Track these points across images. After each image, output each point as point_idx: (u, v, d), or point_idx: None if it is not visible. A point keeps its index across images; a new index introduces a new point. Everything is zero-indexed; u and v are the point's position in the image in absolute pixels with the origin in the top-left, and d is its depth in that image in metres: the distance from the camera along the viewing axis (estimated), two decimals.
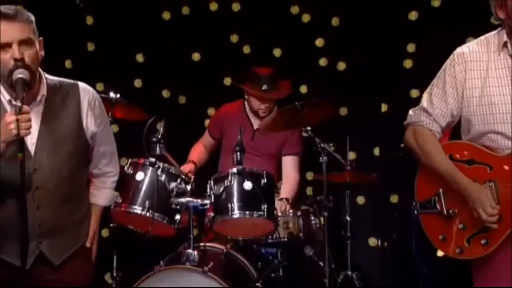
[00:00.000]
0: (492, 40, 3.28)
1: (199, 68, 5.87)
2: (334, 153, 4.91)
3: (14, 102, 2.71)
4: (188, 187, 4.38)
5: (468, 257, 3.26)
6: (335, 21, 5.80)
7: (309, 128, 4.78)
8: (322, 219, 5.02)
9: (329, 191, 5.13)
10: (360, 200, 5.51)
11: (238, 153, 4.50)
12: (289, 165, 5.23)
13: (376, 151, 5.24)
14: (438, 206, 3.31)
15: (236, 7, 5.79)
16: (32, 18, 2.92)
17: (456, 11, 5.65)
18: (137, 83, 5.61)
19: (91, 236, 3.31)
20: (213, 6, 5.79)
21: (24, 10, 2.91)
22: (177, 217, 4.40)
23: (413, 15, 5.72)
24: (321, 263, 5.00)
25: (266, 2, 5.81)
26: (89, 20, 5.77)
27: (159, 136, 4.39)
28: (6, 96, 2.97)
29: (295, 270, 5.02)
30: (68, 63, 5.86)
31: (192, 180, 4.48)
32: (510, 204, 3.10)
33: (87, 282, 3.30)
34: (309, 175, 5.75)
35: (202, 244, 4.56)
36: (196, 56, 5.87)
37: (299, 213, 4.85)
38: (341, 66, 5.83)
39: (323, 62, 5.85)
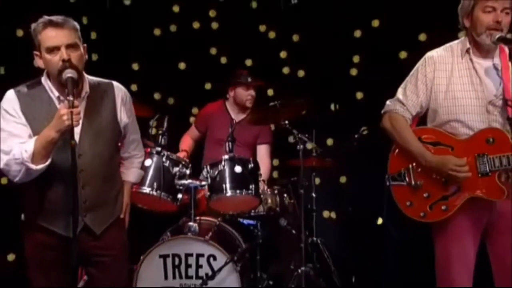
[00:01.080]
0: (456, 47, 3.36)
1: (184, 75, 5.84)
2: (310, 142, 4.93)
3: (67, 98, 2.65)
4: (188, 171, 4.41)
5: (430, 220, 3.29)
6: (295, 37, 5.81)
7: (287, 122, 4.73)
8: (297, 195, 4.99)
9: (295, 174, 5.21)
10: (317, 180, 5.44)
11: (230, 143, 4.55)
12: (263, 152, 5.24)
13: (329, 142, 5.18)
14: (407, 179, 3.32)
15: (215, 25, 5.79)
16: (77, 26, 2.90)
17: (390, 30, 5.69)
18: (133, 87, 5.49)
19: (124, 209, 3.29)
20: (196, 25, 5.77)
21: (70, 19, 2.86)
22: (179, 196, 4.46)
23: (357, 33, 5.73)
24: (294, 231, 5.03)
25: (239, 21, 5.80)
26: (93, 35, 5.61)
27: (164, 129, 4.43)
28: (55, 93, 2.90)
29: (272, 237, 5.01)
30: None
31: (189, 165, 4.49)
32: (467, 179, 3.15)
33: (122, 247, 3.26)
34: (275, 162, 5.69)
35: (197, 218, 4.48)
36: (182, 65, 5.83)
37: (276, 192, 4.83)
38: (301, 73, 5.86)
39: (286, 70, 5.87)
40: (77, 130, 2.79)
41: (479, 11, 3.14)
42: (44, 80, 2.93)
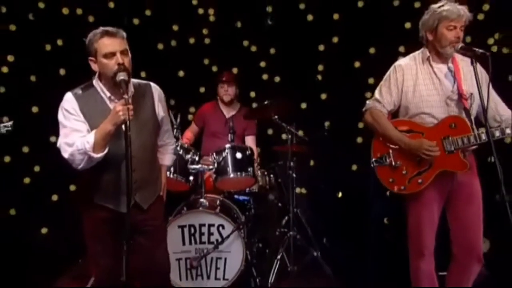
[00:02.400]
0: (418, 56, 3.40)
1: (183, 81, 5.73)
2: (297, 133, 4.85)
3: (123, 96, 2.65)
4: (197, 158, 4.41)
5: (408, 192, 3.32)
6: (272, 50, 5.74)
7: (276, 116, 4.69)
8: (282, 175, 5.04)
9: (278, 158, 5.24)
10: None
11: (231, 135, 4.62)
12: (250, 142, 5.17)
13: (300, 133, 5.08)
14: (388, 160, 3.37)
15: (207, 41, 5.67)
16: (125, 36, 2.87)
17: (346, 45, 5.68)
18: None
19: (163, 188, 3.31)
20: (192, 40, 5.64)
21: (121, 30, 2.84)
22: (191, 178, 4.48)
23: (321, 47, 5.69)
24: (279, 204, 5.11)
25: (227, 37, 5.70)
26: None
27: (177, 124, 4.41)
28: (107, 94, 2.88)
29: (262, 210, 5.00)
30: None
31: (198, 152, 4.51)
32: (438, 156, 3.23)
33: (163, 219, 3.38)
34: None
35: (204, 195, 4.42)
36: (181, 73, 5.73)
37: (266, 173, 4.84)
38: (277, 79, 5.79)
39: (265, 77, 5.79)
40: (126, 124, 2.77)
41: (444, 29, 3.20)
42: (95, 82, 2.91)
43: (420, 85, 3.33)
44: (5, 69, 5.14)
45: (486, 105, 3.04)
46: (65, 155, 2.76)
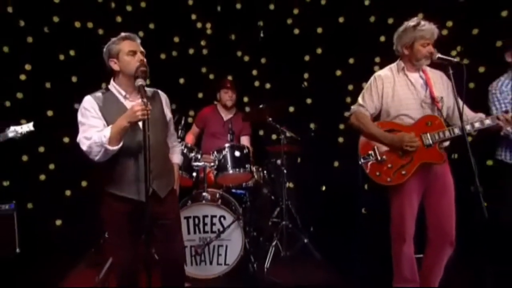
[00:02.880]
0: (394, 67, 3.46)
1: (183, 87, 5.75)
2: (289, 132, 4.88)
3: (142, 100, 2.67)
4: (199, 156, 4.40)
5: (393, 183, 3.35)
6: (263, 60, 5.80)
7: (271, 119, 4.73)
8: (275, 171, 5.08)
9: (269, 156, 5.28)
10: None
11: (231, 135, 4.60)
12: (245, 141, 5.15)
13: (288, 134, 5.08)
14: (374, 156, 3.42)
15: (205, 51, 5.71)
16: None
17: (329, 55, 5.75)
18: None
19: (176, 182, 3.30)
20: (191, 51, 5.69)
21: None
22: (194, 174, 4.50)
23: (307, 58, 5.78)
24: (272, 197, 5.15)
25: (223, 49, 5.72)
26: None
27: (182, 126, 4.43)
28: (122, 92, 2.91)
29: (256, 202, 5.02)
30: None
31: (200, 151, 4.49)
32: (416, 151, 3.27)
33: (178, 210, 3.31)
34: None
35: (206, 189, 4.39)
36: (181, 80, 5.76)
37: (260, 169, 4.85)
38: (267, 86, 5.84)
39: (256, 83, 5.85)
40: (141, 122, 2.80)
41: (419, 45, 3.30)
42: (110, 86, 2.93)
43: (398, 92, 3.38)
44: (23, 77, 5.15)
45: (462, 105, 3.12)
46: (84, 147, 2.77)
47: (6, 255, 4.64)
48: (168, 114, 3.20)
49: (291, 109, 5.70)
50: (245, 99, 5.74)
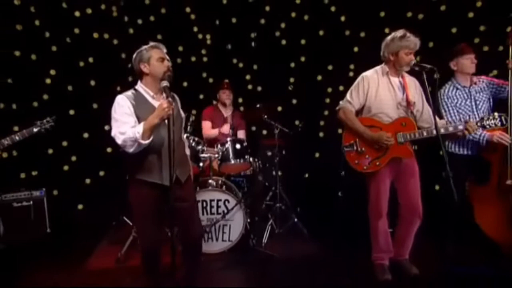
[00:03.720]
0: (379, 70, 3.47)
1: (186, 89, 5.71)
2: (283, 128, 4.88)
3: (168, 99, 2.70)
4: (205, 148, 4.44)
5: (369, 171, 3.43)
6: (255, 66, 5.84)
7: (266, 116, 4.77)
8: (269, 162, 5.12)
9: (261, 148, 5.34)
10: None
11: (231, 130, 4.66)
12: (241, 135, 5.08)
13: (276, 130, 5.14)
14: (355, 147, 3.47)
15: (205, 59, 5.71)
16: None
17: (312, 62, 5.80)
18: None
19: (191, 170, 3.26)
20: (193, 58, 5.68)
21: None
22: (201, 164, 4.52)
23: (292, 64, 5.82)
24: (266, 183, 5.17)
25: (220, 56, 5.72)
26: None
27: (191, 122, 4.41)
28: (150, 93, 2.90)
29: (252, 187, 5.05)
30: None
31: (205, 144, 4.53)
32: (390, 146, 3.34)
33: (194, 194, 3.34)
34: None
35: (207, 178, 4.45)
36: (184, 84, 5.73)
37: (256, 159, 4.71)
38: (259, 88, 5.88)
39: (250, 86, 5.88)
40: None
41: (403, 53, 3.33)
42: (138, 86, 2.92)
43: (380, 93, 3.41)
44: (48, 81, 5.12)
45: (436, 108, 3.32)
46: (119, 141, 2.76)
47: (39, 234, 4.69)
48: (182, 114, 3.21)
49: (279, 108, 5.71)
50: (240, 100, 5.75)
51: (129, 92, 2.90)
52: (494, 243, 3.61)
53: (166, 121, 2.77)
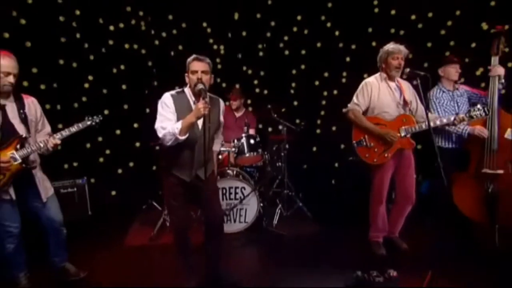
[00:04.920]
0: (378, 77, 3.50)
1: None
2: (291, 125, 4.83)
3: (204, 99, 2.63)
4: (223, 143, 4.15)
5: (378, 163, 3.42)
6: (262, 73, 5.76)
7: (275, 115, 4.72)
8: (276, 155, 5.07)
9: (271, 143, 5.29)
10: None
11: (247, 128, 4.53)
12: (252, 132, 4.86)
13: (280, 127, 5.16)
14: (364, 143, 3.46)
15: (219, 66, 5.59)
16: (210, 62, 2.86)
17: (311, 71, 5.78)
18: None
19: (214, 167, 3.30)
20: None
21: (207, 58, 2.84)
22: (220, 156, 4.51)
23: (294, 71, 5.79)
24: (274, 173, 5.12)
25: (232, 64, 5.65)
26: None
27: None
28: (192, 98, 2.86)
29: (264, 177, 5.02)
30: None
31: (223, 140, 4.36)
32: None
33: (216, 188, 3.25)
34: None
35: (226, 168, 4.44)
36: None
37: (266, 153, 4.76)
38: (265, 92, 5.82)
39: (257, 90, 5.82)
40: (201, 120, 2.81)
41: (390, 59, 3.37)
42: (186, 90, 2.90)
43: (381, 95, 3.44)
44: (86, 85, 5.07)
45: (428, 107, 3.30)
46: (160, 134, 2.75)
47: (82, 216, 4.69)
48: (221, 119, 3.14)
49: (283, 109, 5.67)
50: (249, 101, 5.72)
51: (175, 92, 2.88)
52: (468, 220, 3.65)
53: (202, 122, 2.77)
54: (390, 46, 3.40)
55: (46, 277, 3.20)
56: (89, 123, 3.09)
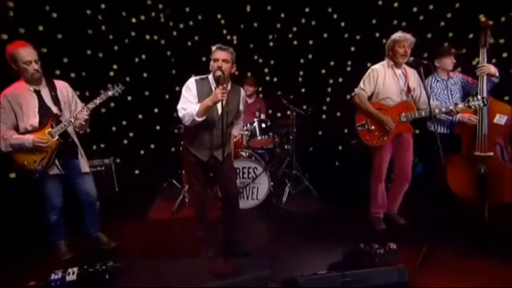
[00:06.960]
0: (385, 63, 3.46)
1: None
2: (300, 111, 4.84)
3: (223, 85, 2.66)
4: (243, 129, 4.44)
5: (378, 144, 3.44)
6: (272, 62, 5.81)
7: (285, 101, 4.72)
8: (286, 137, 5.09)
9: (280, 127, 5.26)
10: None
11: (259, 113, 4.60)
12: (263, 117, 4.98)
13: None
14: (366, 126, 3.47)
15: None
16: (233, 51, 2.84)
17: (319, 61, 5.78)
18: None
19: (231, 147, 3.29)
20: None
21: (230, 47, 2.82)
22: (234, 139, 4.36)
23: (302, 60, 5.80)
24: (284, 155, 5.15)
25: (245, 54, 5.61)
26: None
27: None
28: (214, 85, 2.86)
29: (274, 158, 5.01)
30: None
31: None
32: (396, 124, 3.39)
33: (232, 167, 3.26)
34: None
35: (239, 150, 4.49)
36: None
37: (276, 136, 4.82)
38: (275, 79, 5.85)
39: (267, 78, 5.84)
40: (221, 104, 2.83)
41: (397, 47, 3.35)
42: (210, 76, 2.90)
43: (386, 81, 3.41)
44: (111, 73, 5.16)
45: (429, 95, 3.22)
46: (180, 114, 2.78)
47: (109, 193, 4.85)
48: (241, 107, 3.11)
49: (291, 96, 5.56)
50: (260, 89, 5.72)
51: (200, 77, 2.90)
52: (458, 197, 3.72)
53: (220, 106, 2.81)
54: (397, 35, 3.35)
55: (82, 244, 3.40)
56: (110, 93, 3.07)
